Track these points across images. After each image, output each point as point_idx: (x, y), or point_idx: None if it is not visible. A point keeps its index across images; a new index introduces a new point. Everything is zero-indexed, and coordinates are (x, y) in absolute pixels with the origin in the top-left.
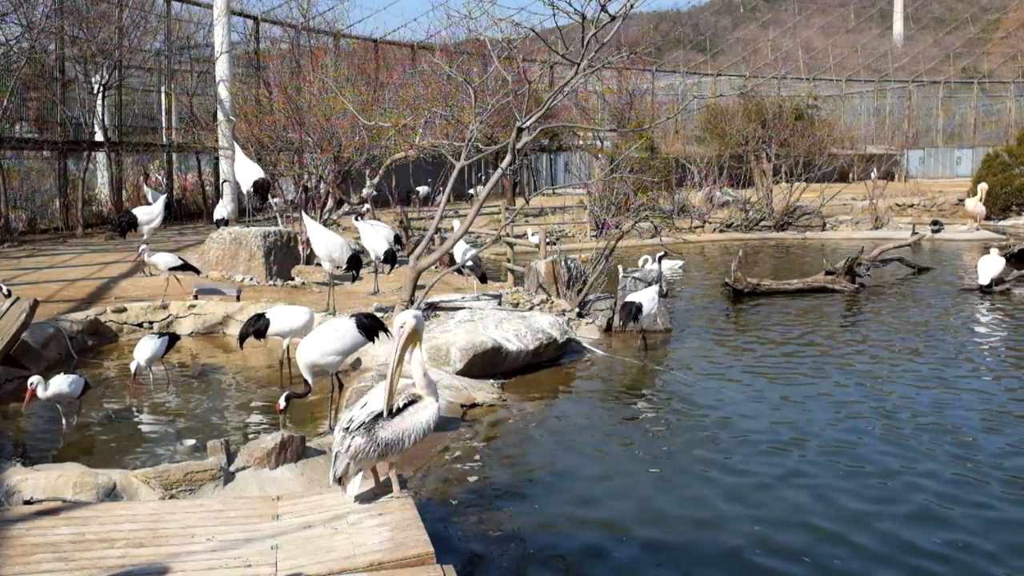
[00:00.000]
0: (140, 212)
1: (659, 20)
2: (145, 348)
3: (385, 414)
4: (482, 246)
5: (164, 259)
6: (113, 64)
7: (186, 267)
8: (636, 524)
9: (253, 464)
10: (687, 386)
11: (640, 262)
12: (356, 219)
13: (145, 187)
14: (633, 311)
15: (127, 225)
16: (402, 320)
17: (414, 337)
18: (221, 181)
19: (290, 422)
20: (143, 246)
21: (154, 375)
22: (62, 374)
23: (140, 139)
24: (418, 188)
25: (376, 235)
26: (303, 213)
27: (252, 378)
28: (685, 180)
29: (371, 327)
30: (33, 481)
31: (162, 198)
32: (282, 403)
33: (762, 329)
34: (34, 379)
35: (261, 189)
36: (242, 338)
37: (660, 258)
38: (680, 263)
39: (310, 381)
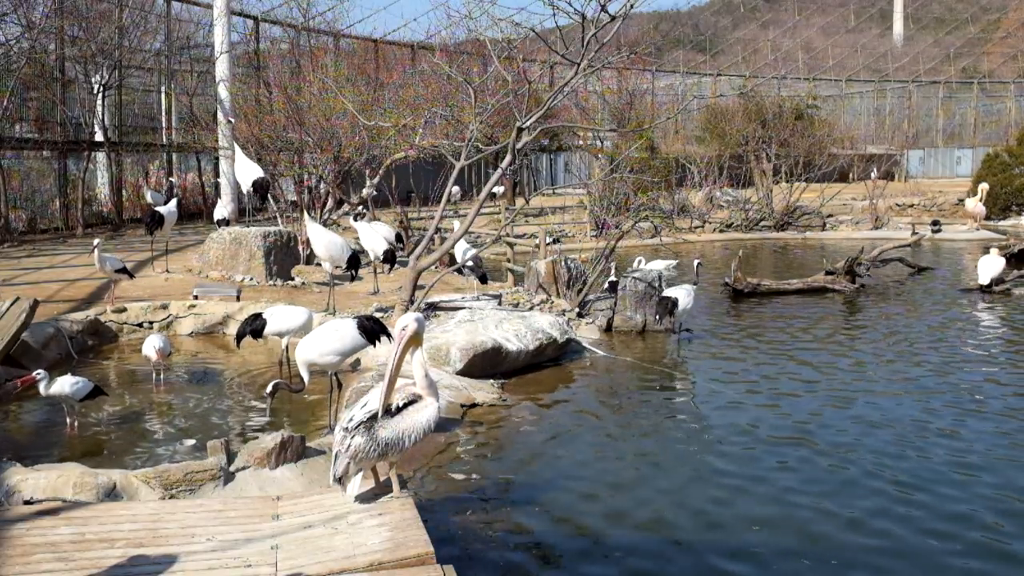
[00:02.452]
0: (163, 211)
1: (659, 20)
2: (154, 343)
3: (380, 414)
4: (482, 246)
5: (111, 261)
6: (113, 64)
7: (124, 271)
8: (636, 524)
9: (253, 464)
10: (687, 386)
11: (635, 263)
12: (354, 220)
13: (145, 187)
14: (669, 306)
15: (155, 223)
16: (404, 323)
17: (415, 339)
18: (212, 181)
19: (290, 422)
20: (97, 240)
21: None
22: (69, 375)
23: (140, 139)
24: (452, 188)
25: (375, 235)
26: (304, 213)
27: (252, 378)
28: (685, 180)
29: (373, 331)
30: (33, 481)
31: (174, 199)
32: (269, 388)
33: (762, 329)
34: (40, 372)
35: (261, 188)
36: (239, 337)
37: (699, 265)
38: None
39: (306, 379)
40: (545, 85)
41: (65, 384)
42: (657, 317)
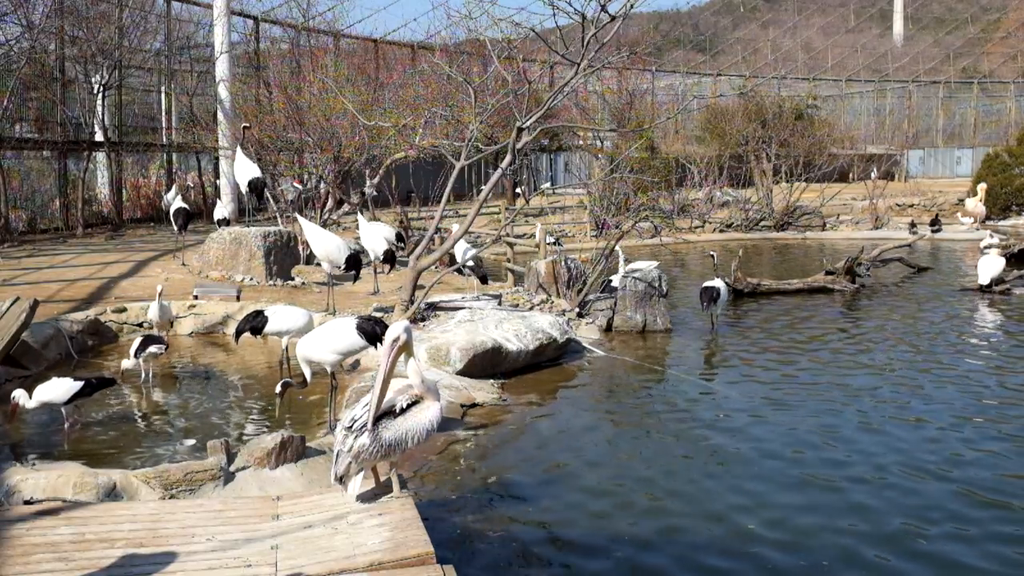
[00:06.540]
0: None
1: (659, 20)
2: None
3: (369, 424)
4: (482, 246)
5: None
6: (113, 64)
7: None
8: (636, 524)
9: (253, 464)
10: (687, 386)
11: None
12: (359, 213)
13: (174, 191)
14: (714, 295)
15: (188, 220)
16: (394, 334)
17: (405, 348)
18: (212, 181)
19: (290, 422)
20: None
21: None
22: (55, 378)
23: (140, 139)
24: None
25: (375, 235)
26: (298, 216)
27: (252, 378)
28: (685, 180)
29: (372, 333)
30: (33, 481)
31: (178, 196)
32: (278, 388)
33: (762, 329)
34: (16, 393)
35: (256, 188)
36: (238, 333)
37: (716, 259)
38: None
39: (307, 376)
40: (545, 85)
41: (45, 393)
42: (704, 306)
